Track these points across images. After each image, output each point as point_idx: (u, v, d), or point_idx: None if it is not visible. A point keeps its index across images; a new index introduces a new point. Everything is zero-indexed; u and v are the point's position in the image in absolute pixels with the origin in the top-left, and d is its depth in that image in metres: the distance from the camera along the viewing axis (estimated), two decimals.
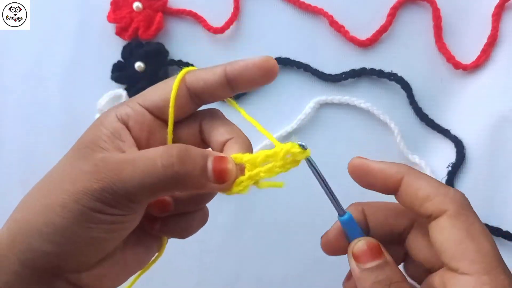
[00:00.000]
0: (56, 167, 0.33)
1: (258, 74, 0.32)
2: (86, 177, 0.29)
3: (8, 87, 0.61)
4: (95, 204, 0.28)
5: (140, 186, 0.29)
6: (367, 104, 0.54)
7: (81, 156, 0.31)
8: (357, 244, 0.31)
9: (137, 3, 0.56)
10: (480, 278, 0.27)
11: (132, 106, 0.33)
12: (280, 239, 0.56)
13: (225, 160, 0.30)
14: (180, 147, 0.30)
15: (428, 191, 0.30)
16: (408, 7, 0.54)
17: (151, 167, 0.29)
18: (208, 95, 0.33)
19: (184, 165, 0.29)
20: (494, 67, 0.52)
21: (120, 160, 0.29)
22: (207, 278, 0.58)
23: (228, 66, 0.33)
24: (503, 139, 0.51)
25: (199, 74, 0.33)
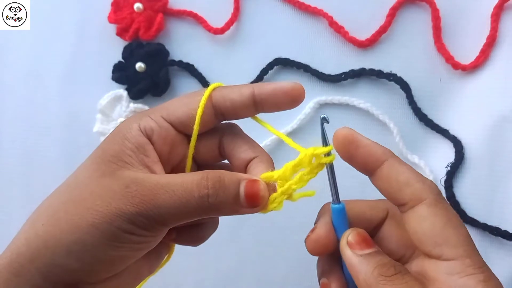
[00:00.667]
0: (78, 180, 0.32)
1: (285, 99, 0.33)
2: (120, 200, 0.29)
3: (8, 87, 0.61)
4: (127, 226, 0.29)
5: (175, 214, 0.30)
6: (367, 104, 0.54)
7: (107, 172, 0.31)
8: (352, 233, 0.31)
9: (138, 4, 0.56)
10: (464, 261, 0.28)
11: (157, 120, 0.33)
12: (280, 239, 0.56)
13: (256, 185, 0.31)
14: (214, 176, 0.30)
15: (410, 178, 0.30)
16: (407, 7, 0.55)
17: (187, 197, 0.29)
18: (233, 114, 0.34)
19: (218, 196, 0.30)
20: (493, 68, 0.52)
21: (155, 185, 0.30)
22: (206, 278, 0.58)
23: (256, 89, 0.33)
24: (502, 139, 0.51)
25: (226, 94, 0.33)
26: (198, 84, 0.57)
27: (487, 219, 0.51)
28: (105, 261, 0.30)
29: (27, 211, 0.61)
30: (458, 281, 0.28)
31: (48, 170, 0.60)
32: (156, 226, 0.30)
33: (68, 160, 0.60)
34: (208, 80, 0.57)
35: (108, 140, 0.33)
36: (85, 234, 0.29)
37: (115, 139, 0.32)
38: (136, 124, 0.32)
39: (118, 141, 0.32)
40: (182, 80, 0.58)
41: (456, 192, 0.52)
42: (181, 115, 0.33)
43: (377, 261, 0.29)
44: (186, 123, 0.33)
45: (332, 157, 0.32)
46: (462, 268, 0.28)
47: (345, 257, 0.31)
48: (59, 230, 0.29)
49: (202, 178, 0.30)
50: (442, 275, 0.28)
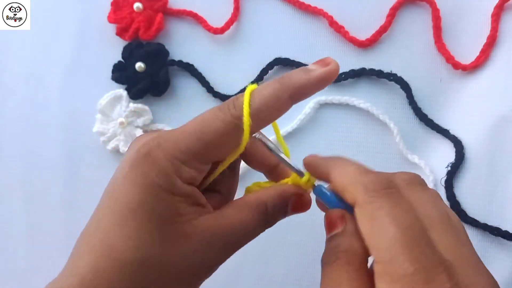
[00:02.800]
0: (145, 248, 0.28)
1: (321, 86, 0.32)
2: (211, 256, 0.33)
3: (8, 87, 0.61)
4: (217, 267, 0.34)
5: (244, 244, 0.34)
6: (367, 104, 0.54)
7: (176, 235, 0.29)
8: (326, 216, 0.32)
9: (138, 4, 0.56)
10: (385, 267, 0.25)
11: (197, 167, 0.30)
12: (280, 239, 0.56)
13: (302, 202, 0.35)
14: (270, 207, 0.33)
15: (345, 181, 0.29)
16: (408, 7, 0.55)
17: (258, 232, 0.35)
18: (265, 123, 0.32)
19: (274, 221, 0.35)
20: (493, 67, 0.52)
21: (233, 231, 0.32)
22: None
23: (291, 89, 0.31)
24: (502, 139, 0.51)
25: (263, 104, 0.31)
26: (198, 84, 0.57)
27: (488, 219, 0.51)
28: None
29: (27, 211, 0.62)
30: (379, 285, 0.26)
31: (48, 170, 0.60)
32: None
33: (68, 160, 0.60)
34: (208, 80, 0.57)
35: (150, 195, 0.28)
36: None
37: (160, 196, 0.28)
38: (177, 178, 0.29)
39: (165, 197, 0.28)
40: (182, 80, 0.58)
41: (457, 192, 0.52)
42: (221, 153, 0.31)
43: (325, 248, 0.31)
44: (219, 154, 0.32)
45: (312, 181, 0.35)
46: (383, 273, 0.26)
47: None
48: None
49: (264, 213, 0.34)
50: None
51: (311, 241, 0.56)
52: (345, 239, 0.28)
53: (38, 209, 0.60)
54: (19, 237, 0.61)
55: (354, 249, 0.28)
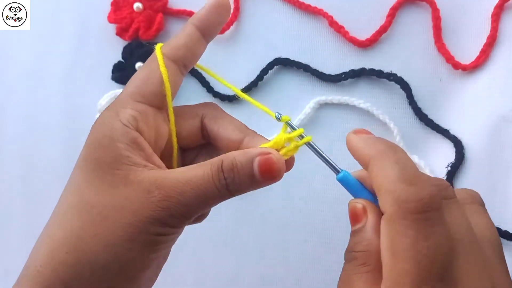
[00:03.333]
0: (86, 196, 0.30)
1: (221, 12, 0.35)
2: (148, 207, 0.29)
3: (8, 87, 0.61)
4: (161, 229, 0.29)
5: (200, 206, 0.30)
6: (367, 104, 0.54)
7: (118, 181, 0.30)
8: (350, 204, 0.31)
9: (138, 4, 0.56)
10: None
11: (134, 107, 0.32)
12: (280, 239, 0.56)
13: (269, 160, 0.31)
14: (228, 164, 0.30)
15: (380, 184, 0.27)
16: (408, 7, 0.55)
17: (210, 189, 0.30)
18: (191, 58, 0.35)
19: (235, 183, 0.30)
20: (493, 67, 0.52)
21: (176, 184, 0.29)
22: (206, 278, 0.58)
23: (195, 20, 0.34)
24: (502, 139, 0.51)
25: (175, 44, 0.34)
26: (198, 84, 0.57)
27: None
28: (143, 268, 0.30)
29: (27, 211, 0.62)
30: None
31: (48, 170, 0.60)
32: (185, 221, 0.30)
33: (68, 160, 0.59)
34: (208, 80, 0.57)
35: (95, 147, 0.31)
36: (121, 250, 0.29)
37: (104, 144, 0.31)
38: (117, 120, 0.31)
39: (108, 145, 0.30)
40: None
41: None
42: (154, 89, 0.33)
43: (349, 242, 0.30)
44: (159, 94, 0.33)
45: (308, 138, 0.33)
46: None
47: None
48: (92, 254, 0.29)
49: (218, 169, 0.30)
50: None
51: (311, 241, 0.56)
52: (364, 237, 0.28)
53: (38, 209, 0.60)
54: (19, 237, 0.61)
55: (372, 249, 0.27)
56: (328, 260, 0.55)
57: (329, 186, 0.55)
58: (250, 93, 0.57)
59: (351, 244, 0.29)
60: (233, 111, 0.57)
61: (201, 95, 0.58)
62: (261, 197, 0.57)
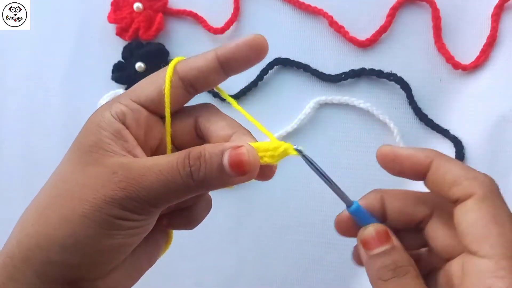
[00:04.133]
0: (62, 174, 0.32)
1: (250, 52, 0.33)
2: (108, 186, 0.29)
3: (8, 87, 0.61)
4: (118, 212, 0.29)
5: (164, 193, 0.29)
6: (367, 104, 0.54)
7: (91, 162, 0.30)
8: (365, 231, 0.31)
9: (138, 4, 0.56)
10: (499, 262, 0.26)
11: (126, 104, 0.32)
12: (280, 239, 0.56)
13: (239, 151, 0.29)
14: (195, 152, 0.30)
15: (457, 175, 0.30)
16: (408, 7, 0.55)
17: (173, 175, 0.29)
18: (202, 83, 0.33)
19: (201, 171, 0.29)
20: (493, 67, 0.52)
21: (141, 167, 0.29)
22: (206, 278, 0.58)
23: (219, 50, 0.33)
24: (502, 139, 0.51)
25: (191, 63, 0.33)
26: None
27: None
28: (102, 252, 0.29)
29: None
30: (486, 281, 0.26)
31: (48, 170, 0.60)
32: (147, 207, 0.29)
33: None
34: None
35: (83, 133, 0.32)
36: (77, 226, 0.28)
37: (91, 130, 0.31)
38: (108, 111, 0.32)
39: (93, 131, 0.31)
40: None
41: None
42: (150, 94, 0.33)
43: (379, 263, 0.30)
44: (156, 101, 0.33)
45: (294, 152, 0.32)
46: (495, 268, 0.26)
47: (360, 254, 0.32)
48: (50, 227, 0.29)
49: (185, 156, 0.30)
50: (473, 271, 0.27)
51: (311, 242, 0.56)
52: (403, 254, 0.30)
53: None
54: None
55: (410, 262, 0.30)
56: (328, 260, 0.55)
57: None
58: (250, 93, 0.57)
59: (389, 262, 0.30)
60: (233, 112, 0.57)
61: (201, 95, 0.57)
62: (261, 197, 0.57)
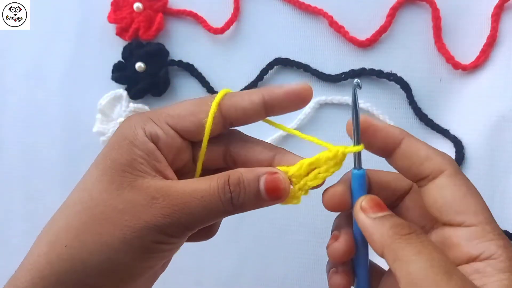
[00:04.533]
0: (95, 195, 0.31)
1: (296, 101, 0.33)
2: (150, 212, 0.29)
3: (8, 87, 0.61)
4: (159, 237, 0.29)
5: (204, 218, 0.30)
6: (367, 104, 0.54)
7: (126, 184, 0.30)
8: (365, 199, 0.32)
9: (138, 4, 0.56)
10: (485, 227, 0.29)
11: (162, 127, 0.32)
12: (280, 239, 0.56)
13: (276, 178, 0.31)
14: (234, 178, 0.31)
15: (429, 152, 0.32)
16: (408, 7, 0.55)
17: (214, 202, 0.30)
18: (243, 121, 0.34)
19: (240, 197, 0.30)
20: (493, 67, 0.52)
21: (182, 193, 0.30)
22: (206, 278, 0.58)
23: (266, 94, 0.33)
24: (502, 139, 0.51)
25: (236, 102, 0.33)
26: (198, 84, 0.57)
27: None
28: (136, 274, 0.30)
29: (27, 211, 0.62)
30: (478, 246, 0.28)
31: (48, 170, 0.60)
32: (186, 232, 0.30)
33: (68, 160, 0.60)
34: (208, 80, 0.57)
35: (114, 148, 0.31)
36: (116, 252, 0.29)
37: (123, 147, 0.31)
38: (141, 129, 0.32)
39: (126, 148, 0.31)
40: (182, 80, 0.58)
41: None
42: (189, 125, 0.33)
43: (391, 222, 0.30)
44: (193, 132, 0.33)
45: (361, 147, 0.33)
46: (483, 233, 0.29)
47: (358, 221, 0.31)
48: (86, 251, 0.29)
49: (225, 182, 0.30)
50: (463, 241, 0.29)
51: (311, 242, 0.56)
52: (398, 218, 0.30)
53: (38, 209, 0.60)
54: (19, 236, 0.61)
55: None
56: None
57: None
58: None
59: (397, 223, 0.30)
60: None
61: (201, 95, 0.57)
62: None
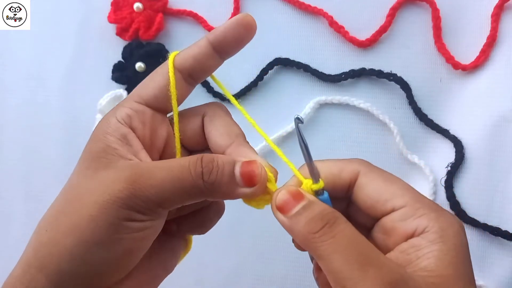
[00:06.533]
0: (72, 183, 0.32)
1: (239, 32, 0.33)
2: (115, 186, 0.28)
3: (8, 87, 0.61)
4: (125, 212, 0.28)
5: (171, 192, 0.29)
6: (367, 104, 0.54)
7: (99, 167, 0.30)
8: (278, 195, 0.31)
9: (138, 4, 0.56)
10: (414, 205, 0.30)
11: (130, 106, 0.33)
12: (280, 239, 0.56)
13: (253, 164, 0.31)
14: (209, 156, 0.30)
15: (340, 164, 0.33)
16: (408, 7, 0.55)
17: (183, 175, 0.29)
18: (199, 71, 0.34)
19: (212, 174, 0.30)
20: (493, 67, 0.52)
21: (152, 166, 0.30)
22: (207, 277, 0.58)
23: (209, 35, 0.33)
24: (502, 139, 0.51)
25: (185, 54, 0.33)
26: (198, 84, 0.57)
27: (487, 219, 0.51)
28: (111, 258, 0.29)
29: (27, 211, 0.62)
30: (411, 224, 0.29)
31: (48, 170, 0.60)
32: (154, 207, 0.29)
33: (68, 160, 0.60)
34: (207, 80, 0.57)
35: (91, 141, 0.32)
36: (85, 232, 0.28)
37: (98, 137, 0.32)
38: (113, 117, 0.32)
39: (101, 138, 0.31)
40: None
41: (456, 192, 0.52)
42: (152, 91, 0.33)
43: (304, 218, 0.29)
44: (159, 98, 0.33)
45: (320, 184, 0.32)
46: (413, 211, 0.30)
47: (280, 223, 0.31)
48: (60, 233, 0.29)
49: (198, 158, 0.30)
50: (397, 223, 0.30)
51: None
52: (323, 204, 0.30)
53: (38, 209, 0.60)
54: (19, 236, 0.61)
55: (334, 210, 0.30)
56: None
57: None
58: (250, 93, 0.57)
59: (317, 213, 0.29)
60: (233, 111, 0.57)
61: (201, 95, 0.58)
62: None
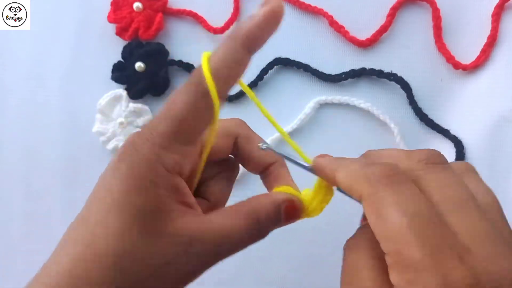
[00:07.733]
0: (127, 247, 0.27)
1: (274, 27, 0.29)
2: (187, 261, 0.29)
3: (8, 87, 0.61)
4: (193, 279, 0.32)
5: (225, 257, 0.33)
6: (367, 104, 0.54)
7: (156, 233, 0.28)
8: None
9: (137, 3, 0.56)
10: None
11: (178, 151, 0.29)
12: (280, 239, 0.56)
13: (294, 207, 0.34)
14: (252, 218, 0.31)
15: (349, 180, 0.29)
16: (408, 7, 0.55)
17: (242, 241, 0.32)
18: (233, 79, 0.30)
19: (264, 231, 0.33)
20: (493, 67, 0.52)
21: (215, 238, 0.30)
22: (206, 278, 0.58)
23: (242, 36, 0.28)
24: (503, 139, 0.51)
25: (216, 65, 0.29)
26: None
27: None
28: None
29: (27, 211, 0.62)
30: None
31: (48, 170, 0.60)
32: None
33: (68, 160, 0.60)
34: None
35: (135, 193, 0.27)
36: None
37: (146, 189, 0.27)
38: (161, 165, 0.28)
39: (151, 191, 0.28)
40: (182, 80, 0.58)
41: None
42: (200, 129, 0.30)
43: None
44: (204, 132, 0.31)
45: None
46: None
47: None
48: None
49: (253, 225, 0.31)
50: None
51: (311, 243, 0.56)
52: (368, 230, 0.27)
53: (38, 209, 0.60)
54: (19, 236, 0.61)
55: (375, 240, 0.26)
56: (329, 260, 0.55)
57: None
58: None
59: (356, 234, 0.29)
60: (233, 110, 0.57)
61: None
62: None
